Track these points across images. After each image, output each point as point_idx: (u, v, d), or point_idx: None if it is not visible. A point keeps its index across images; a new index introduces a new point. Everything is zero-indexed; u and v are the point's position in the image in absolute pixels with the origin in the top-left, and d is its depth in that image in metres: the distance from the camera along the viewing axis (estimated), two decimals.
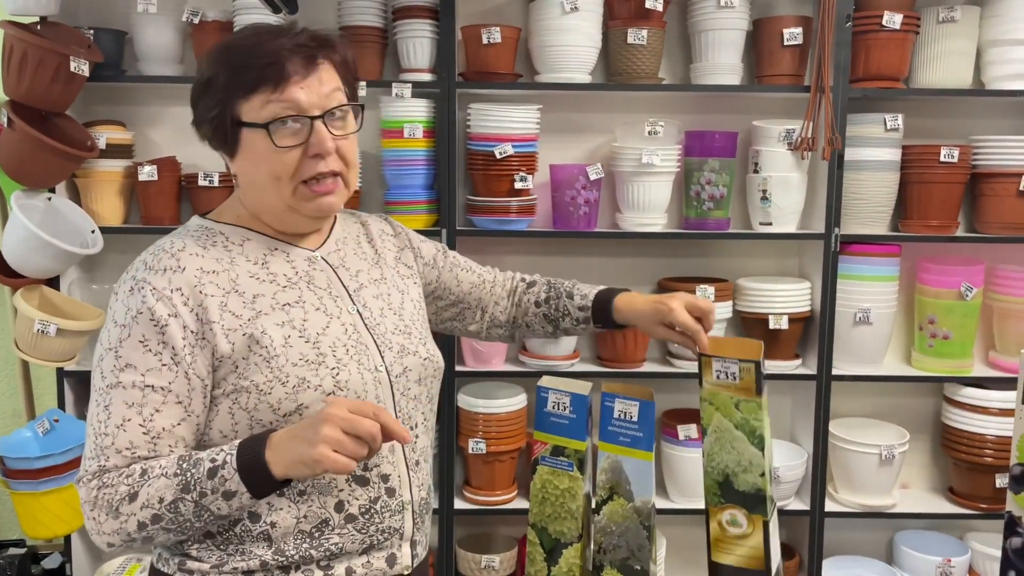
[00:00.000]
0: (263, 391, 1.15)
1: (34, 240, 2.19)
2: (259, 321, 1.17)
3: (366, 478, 1.21)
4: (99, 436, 1.14)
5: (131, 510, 1.11)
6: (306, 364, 1.17)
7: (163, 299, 1.14)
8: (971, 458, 2.45)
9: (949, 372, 2.47)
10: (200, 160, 2.50)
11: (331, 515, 1.19)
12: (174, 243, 1.21)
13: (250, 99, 1.16)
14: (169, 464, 1.12)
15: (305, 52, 1.17)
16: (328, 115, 1.19)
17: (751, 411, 1.25)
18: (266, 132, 1.16)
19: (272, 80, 1.15)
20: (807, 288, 2.47)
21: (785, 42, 2.36)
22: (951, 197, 2.42)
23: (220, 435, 1.18)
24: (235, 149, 1.21)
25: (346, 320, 1.24)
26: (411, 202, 2.37)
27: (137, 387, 1.13)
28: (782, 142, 2.38)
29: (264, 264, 1.23)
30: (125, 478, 1.12)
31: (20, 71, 2.14)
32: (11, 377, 2.80)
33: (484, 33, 2.32)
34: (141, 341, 1.14)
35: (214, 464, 1.10)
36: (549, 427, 1.24)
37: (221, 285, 1.18)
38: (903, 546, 2.54)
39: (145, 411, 1.13)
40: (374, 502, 1.21)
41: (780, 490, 2.44)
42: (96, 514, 1.13)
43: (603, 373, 2.44)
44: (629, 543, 1.23)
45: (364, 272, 1.33)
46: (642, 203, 2.39)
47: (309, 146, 1.17)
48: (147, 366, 1.13)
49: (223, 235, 1.24)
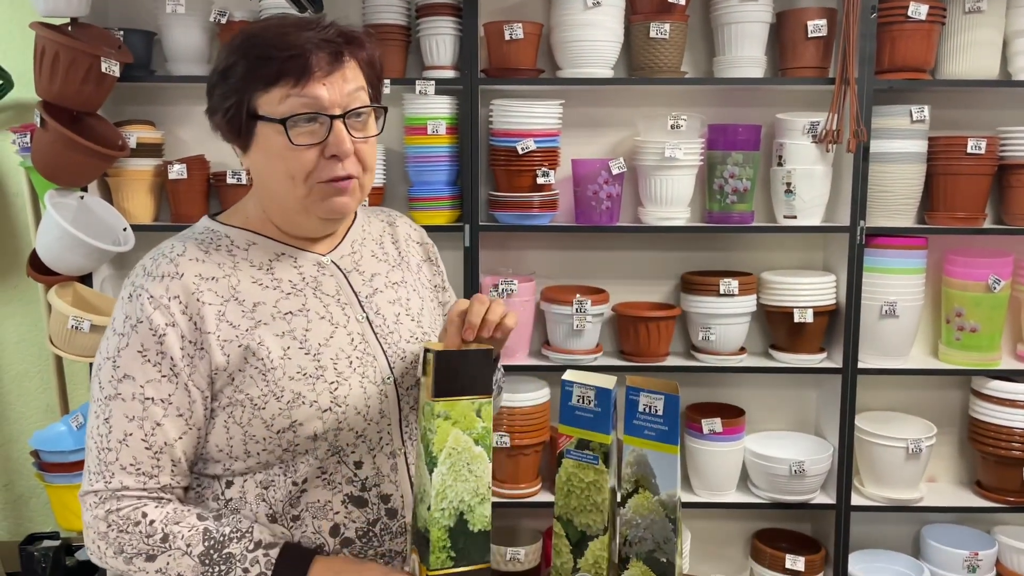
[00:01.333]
0: (257, 405, 1.10)
1: (68, 238, 2.23)
2: (257, 332, 1.12)
3: (364, 499, 1.16)
4: (102, 451, 1.10)
5: (144, 567, 1.08)
6: (304, 378, 1.12)
7: (161, 308, 1.09)
8: (999, 451, 2.43)
9: (976, 365, 2.45)
10: (228, 158, 2.52)
11: (326, 540, 1.14)
12: (174, 247, 1.16)
13: (269, 91, 1.09)
14: (194, 541, 1.08)
15: (331, 48, 1.10)
16: (350, 115, 1.12)
17: (488, 416, 1.07)
18: (283, 128, 1.09)
19: (294, 73, 1.08)
20: (832, 281, 2.46)
21: (809, 34, 2.35)
22: (978, 189, 2.40)
23: (216, 449, 1.14)
24: (249, 142, 1.14)
25: (353, 329, 1.19)
26: (434, 198, 2.39)
27: (137, 399, 1.09)
28: (806, 135, 2.37)
29: (269, 270, 1.17)
30: (145, 537, 1.08)
31: (52, 72, 2.18)
32: (45, 372, 2.86)
33: (506, 29, 2.33)
34: (139, 351, 1.09)
35: (246, 575, 1.06)
36: (574, 421, 1.25)
37: (220, 292, 1.13)
38: (930, 540, 2.53)
39: (147, 425, 1.09)
40: (372, 525, 1.16)
41: (806, 484, 2.44)
42: (101, 545, 1.10)
43: (626, 367, 2.45)
44: (655, 536, 1.23)
45: (381, 276, 1.27)
46: (665, 197, 2.39)
47: (327, 146, 1.11)
48: (146, 377, 1.09)
49: (228, 238, 1.18)
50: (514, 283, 2.40)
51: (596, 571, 1.23)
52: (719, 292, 2.40)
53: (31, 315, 2.84)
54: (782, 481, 2.44)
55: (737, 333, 2.46)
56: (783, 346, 2.50)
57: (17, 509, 2.94)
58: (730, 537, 2.74)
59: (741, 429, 2.50)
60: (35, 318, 2.83)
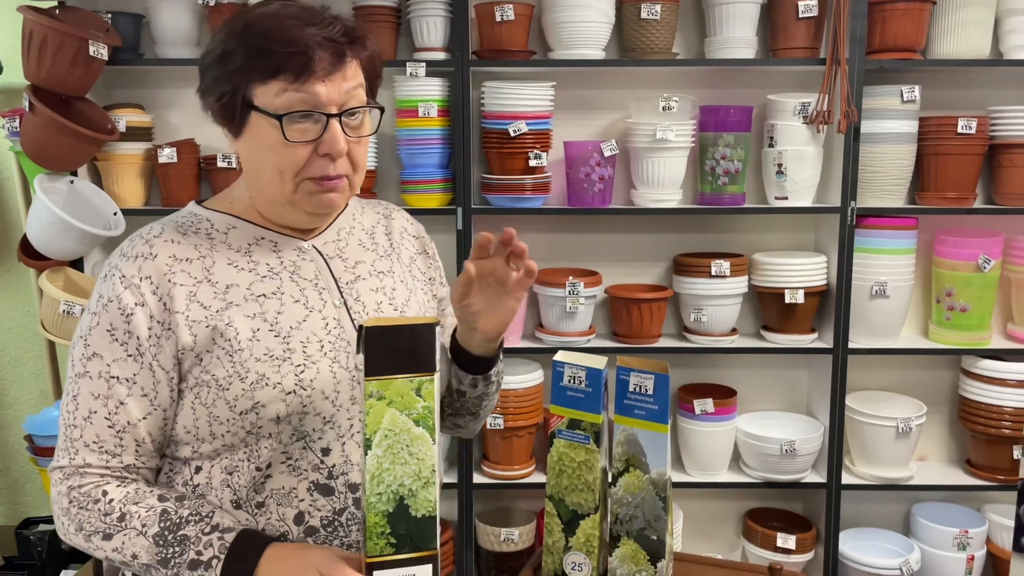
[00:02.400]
0: (222, 386, 1.09)
1: (58, 223, 2.22)
2: (227, 312, 1.11)
3: (331, 487, 1.13)
4: (68, 428, 1.11)
5: (101, 546, 1.09)
6: (270, 360, 1.11)
7: (131, 287, 1.10)
8: (989, 430, 2.45)
9: (966, 344, 2.47)
10: (218, 142, 2.52)
11: (290, 528, 1.12)
12: (152, 229, 1.16)
13: (267, 84, 1.07)
14: (150, 521, 1.08)
15: (335, 47, 1.08)
16: (346, 114, 1.10)
17: (431, 395, 1.01)
18: (278, 123, 1.07)
19: (295, 70, 1.06)
20: (823, 262, 2.47)
21: (800, 14, 2.35)
22: (969, 169, 2.41)
23: (184, 430, 1.13)
24: (241, 129, 1.12)
25: (329, 314, 1.17)
26: (426, 181, 2.39)
27: (103, 377, 1.10)
28: (797, 116, 2.37)
29: (247, 253, 1.16)
30: (102, 515, 1.09)
31: (40, 56, 2.17)
32: (38, 358, 2.86)
33: (497, 11, 2.32)
34: (108, 330, 1.10)
35: (199, 557, 1.05)
36: (565, 401, 1.26)
37: (193, 274, 1.12)
38: (920, 518, 2.56)
39: (110, 404, 1.10)
40: (339, 514, 1.14)
41: (797, 463, 2.46)
42: (65, 521, 1.11)
43: (619, 349, 2.46)
44: (645, 514, 1.25)
45: (366, 264, 1.25)
46: (657, 179, 2.40)
47: (321, 143, 1.09)
48: (113, 356, 1.09)
49: (209, 222, 1.18)
50: None
51: (587, 549, 1.25)
52: (711, 273, 2.41)
53: (24, 300, 2.83)
54: (773, 460, 2.46)
55: (729, 314, 2.47)
56: (774, 327, 2.51)
57: (13, 494, 2.95)
58: (722, 516, 2.76)
59: (733, 409, 2.51)
60: (28, 303, 2.83)
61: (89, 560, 2.62)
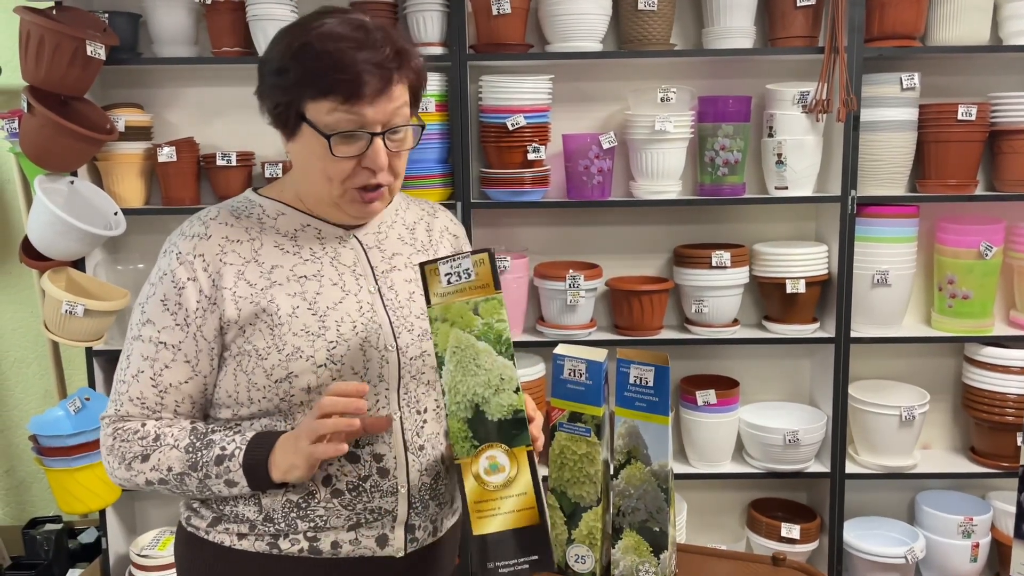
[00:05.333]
0: (261, 356, 1.20)
1: (59, 223, 2.23)
2: (271, 291, 1.22)
3: (357, 455, 1.23)
4: (119, 383, 1.25)
5: (142, 469, 1.21)
6: (306, 335, 1.21)
7: (186, 263, 1.22)
8: (992, 417, 2.45)
9: (969, 332, 2.46)
10: (217, 140, 2.52)
11: (318, 487, 1.22)
12: (210, 212, 1.28)
13: (319, 102, 1.16)
14: (182, 436, 1.21)
15: (384, 72, 1.16)
16: (389, 132, 1.20)
17: (492, 311, 1.11)
18: (327, 141, 1.17)
19: (345, 92, 1.15)
20: (824, 251, 2.46)
21: (798, 3, 2.34)
22: (969, 156, 2.40)
23: (225, 394, 1.24)
24: (294, 135, 1.22)
25: (363, 299, 1.26)
26: (425, 176, 2.39)
27: (153, 342, 1.22)
28: (796, 105, 2.36)
29: (293, 238, 1.27)
30: (140, 439, 1.22)
31: (38, 56, 2.17)
32: (42, 358, 2.87)
33: (494, 4, 2.31)
34: (162, 300, 1.22)
35: (223, 452, 1.19)
36: (566, 394, 1.26)
37: (242, 254, 1.24)
38: (924, 506, 2.56)
39: (156, 366, 1.22)
40: (363, 480, 1.23)
41: (800, 453, 2.46)
42: (111, 460, 1.24)
43: (620, 341, 2.46)
44: (647, 506, 1.25)
45: (403, 256, 1.34)
46: (656, 170, 2.39)
47: (364, 158, 1.20)
48: (163, 324, 1.22)
49: (261, 207, 1.30)
50: (507, 260, 2.41)
51: (590, 542, 1.25)
52: (711, 264, 2.41)
53: (27, 301, 2.84)
54: (777, 451, 2.46)
55: (730, 305, 2.47)
56: (776, 317, 2.51)
57: (19, 494, 2.96)
58: (726, 507, 2.76)
59: (735, 400, 2.51)
60: (31, 304, 2.84)
61: (96, 558, 2.63)
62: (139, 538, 2.56)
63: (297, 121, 1.20)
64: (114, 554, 2.60)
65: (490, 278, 1.12)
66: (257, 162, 2.50)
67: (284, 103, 1.20)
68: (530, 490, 1.09)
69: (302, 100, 1.18)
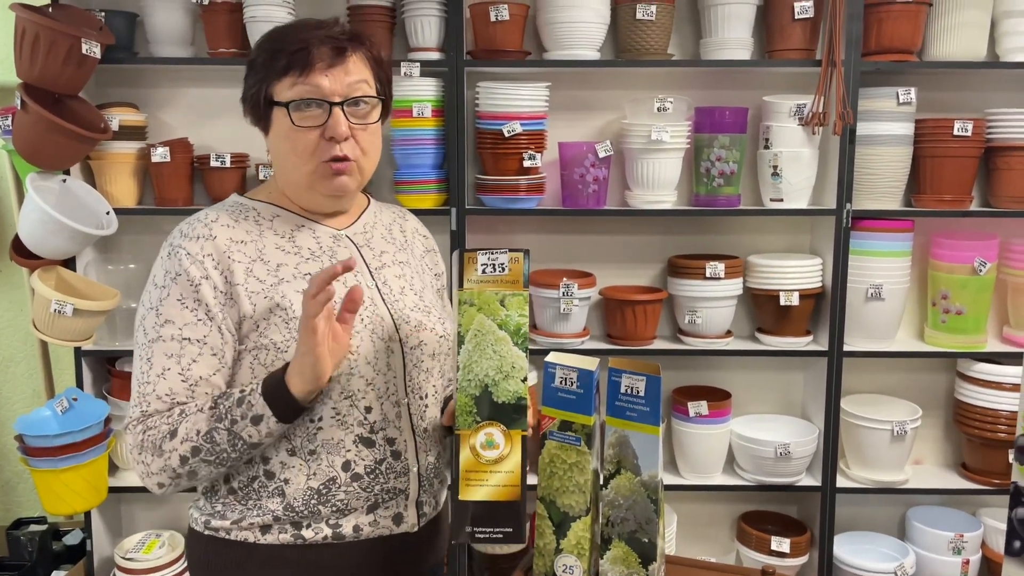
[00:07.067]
0: (281, 349, 1.26)
1: (50, 222, 2.21)
2: (281, 287, 1.28)
3: (372, 440, 1.31)
4: (141, 385, 1.26)
5: (173, 446, 1.23)
6: None
7: (196, 263, 1.26)
8: (984, 433, 2.45)
9: (962, 348, 2.46)
10: (212, 141, 2.51)
11: (338, 473, 1.29)
12: (208, 215, 1.32)
13: (281, 81, 1.26)
14: (205, 404, 1.25)
15: (334, 43, 1.26)
16: (350, 103, 1.27)
17: (517, 306, 1.20)
18: (287, 110, 1.26)
19: (299, 65, 1.25)
20: (818, 264, 2.46)
21: (796, 15, 2.34)
22: (965, 171, 2.40)
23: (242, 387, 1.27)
24: (267, 126, 1.31)
25: (364, 293, 1.32)
26: (420, 181, 2.38)
27: (176, 340, 1.25)
28: (793, 117, 2.36)
29: (291, 238, 1.33)
30: (166, 419, 1.24)
31: (33, 54, 2.16)
32: (30, 357, 2.85)
33: (492, 10, 2.31)
34: (179, 299, 1.26)
35: (243, 393, 1.23)
36: (557, 402, 1.25)
37: (248, 253, 1.29)
38: (915, 522, 2.55)
39: (183, 361, 1.25)
40: (379, 463, 1.31)
41: (792, 466, 2.45)
42: (144, 456, 1.25)
43: (613, 350, 2.45)
44: (637, 516, 1.24)
45: (389, 254, 1.42)
46: (652, 180, 2.39)
47: (325, 128, 1.26)
48: (184, 321, 1.25)
49: (255, 211, 1.35)
50: None
51: (579, 552, 1.24)
52: (705, 275, 2.40)
53: (16, 300, 2.82)
54: (768, 463, 2.45)
55: (723, 316, 2.46)
56: (769, 329, 2.50)
57: (5, 494, 2.94)
58: (716, 519, 2.75)
59: (727, 412, 2.51)
60: (20, 303, 2.82)
61: (80, 560, 2.61)
62: (124, 541, 2.53)
63: (268, 108, 1.28)
64: (99, 556, 2.58)
65: (521, 276, 1.20)
66: (251, 164, 2.49)
67: (255, 92, 1.29)
68: (518, 470, 1.17)
69: (269, 84, 1.27)
